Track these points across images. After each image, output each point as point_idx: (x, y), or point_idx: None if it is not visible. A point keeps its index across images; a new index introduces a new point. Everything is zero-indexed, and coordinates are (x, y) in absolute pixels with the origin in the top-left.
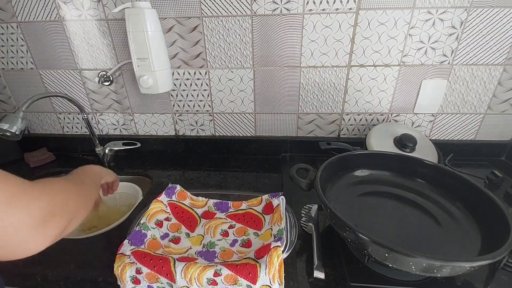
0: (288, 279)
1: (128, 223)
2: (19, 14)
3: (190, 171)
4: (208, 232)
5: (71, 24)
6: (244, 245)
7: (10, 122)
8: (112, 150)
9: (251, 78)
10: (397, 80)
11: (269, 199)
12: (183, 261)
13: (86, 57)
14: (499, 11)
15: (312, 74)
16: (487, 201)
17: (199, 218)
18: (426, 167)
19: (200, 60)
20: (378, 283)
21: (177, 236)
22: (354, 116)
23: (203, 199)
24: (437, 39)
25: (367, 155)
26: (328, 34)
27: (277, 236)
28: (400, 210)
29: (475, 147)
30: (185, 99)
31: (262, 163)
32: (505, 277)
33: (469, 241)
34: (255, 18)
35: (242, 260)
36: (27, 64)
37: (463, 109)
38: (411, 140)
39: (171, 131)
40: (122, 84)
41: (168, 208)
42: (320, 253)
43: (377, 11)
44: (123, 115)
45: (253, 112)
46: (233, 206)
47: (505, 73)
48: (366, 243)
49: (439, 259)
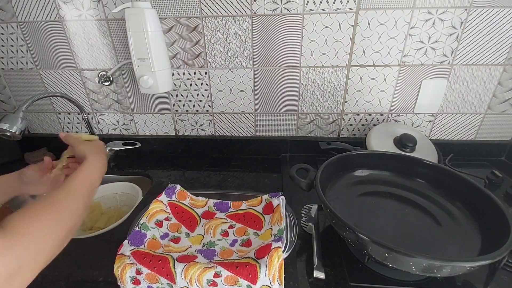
0: (288, 279)
1: (128, 223)
2: (19, 14)
3: (190, 171)
4: (208, 232)
5: (71, 24)
6: (244, 244)
7: (10, 122)
8: (112, 150)
9: (251, 78)
10: (397, 80)
11: (269, 199)
12: (182, 260)
13: (86, 57)
14: (499, 11)
15: (312, 74)
16: (487, 201)
17: (199, 218)
18: (426, 167)
19: (200, 60)
20: (378, 283)
21: (177, 236)
22: (354, 116)
23: (203, 199)
24: (437, 39)
25: (367, 155)
26: (328, 34)
27: (277, 236)
28: (400, 210)
29: (475, 147)
30: (185, 99)
31: (262, 163)
32: (505, 277)
33: (469, 241)
34: (255, 18)
35: (242, 259)
36: (27, 64)
37: (463, 109)
38: (411, 140)
39: (171, 131)
40: (122, 84)
41: (168, 208)
42: (320, 253)
43: (377, 11)
44: (123, 115)
45: (253, 112)
46: (233, 206)
47: (505, 73)
48: (366, 243)
49: (439, 259)
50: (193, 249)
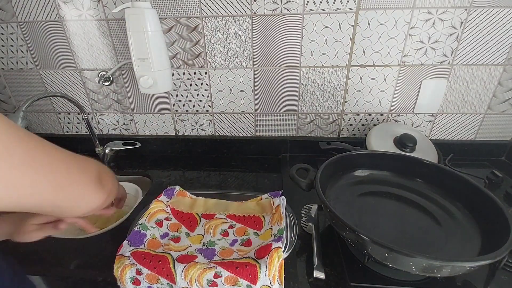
0: (288, 279)
1: (128, 223)
2: (19, 14)
3: (190, 171)
4: (208, 231)
5: (71, 24)
6: (244, 244)
7: None
8: (112, 150)
9: (251, 78)
10: (397, 80)
11: (269, 198)
12: (182, 260)
13: (86, 57)
14: (499, 11)
15: (312, 74)
16: (487, 201)
17: (199, 218)
18: (426, 167)
19: (200, 60)
20: (378, 283)
21: (177, 236)
22: (354, 116)
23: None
24: (437, 39)
25: (367, 155)
26: (328, 34)
27: (277, 236)
28: (400, 210)
29: (475, 147)
30: (185, 99)
31: (262, 163)
32: (505, 277)
33: (469, 241)
34: (255, 18)
35: (242, 259)
36: (27, 64)
37: (463, 109)
38: (411, 140)
39: (171, 131)
40: (122, 84)
41: (168, 208)
42: (320, 253)
43: (377, 11)
44: (123, 115)
45: (253, 112)
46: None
47: (505, 73)
48: (366, 243)
49: (439, 259)
50: (193, 248)
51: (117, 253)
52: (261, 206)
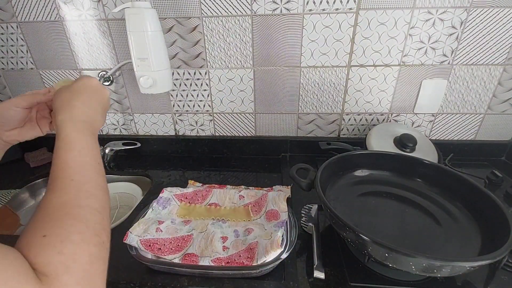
0: (288, 279)
1: (128, 223)
2: (19, 14)
3: (190, 171)
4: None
5: (71, 24)
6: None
7: None
8: (112, 150)
9: (251, 78)
10: (397, 80)
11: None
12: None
13: (86, 57)
14: (499, 11)
15: (312, 74)
16: (487, 201)
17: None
18: (426, 167)
19: (200, 60)
20: (378, 283)
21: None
22: (354, 116)
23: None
24: (437, 39)
25: (367, 155)
26: (328, 34)
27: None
28: (400, 210)
29: (475, 147)
30: (185, 99)
31: (262, 163)
32: (505, 277)
33: (469, 241)
34: (255, 18)
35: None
36: (27, 64)
37: (463, 109)
38: (411, 140)
39: (171, 131)
40: (122, 84)
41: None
42: (320, 253)
43: (377, 11)
44: (123, 115)
45: (253, 112)
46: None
47: (505, 73)
48: (366, 243)
49: (439, 259)
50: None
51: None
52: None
